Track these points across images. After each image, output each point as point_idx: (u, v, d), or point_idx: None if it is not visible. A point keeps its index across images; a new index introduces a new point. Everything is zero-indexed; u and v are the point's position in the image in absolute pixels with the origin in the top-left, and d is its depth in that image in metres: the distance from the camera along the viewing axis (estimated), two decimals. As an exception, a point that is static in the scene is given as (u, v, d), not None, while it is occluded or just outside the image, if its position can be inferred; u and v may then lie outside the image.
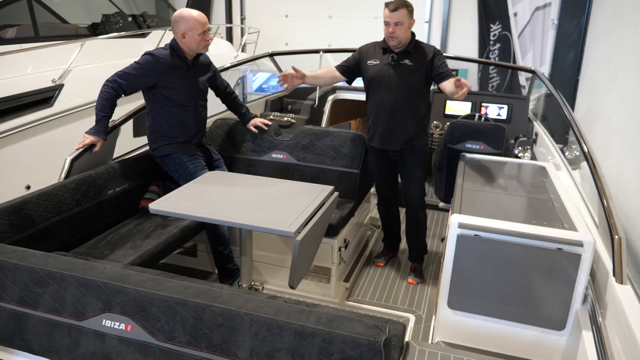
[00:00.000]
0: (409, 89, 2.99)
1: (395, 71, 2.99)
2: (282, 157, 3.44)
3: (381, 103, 3.06)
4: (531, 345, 2.17)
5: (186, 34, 2.80)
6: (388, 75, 3.00)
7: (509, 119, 4.85)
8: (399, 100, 3.00)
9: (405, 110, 3.03)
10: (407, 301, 3.09)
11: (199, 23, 2.79)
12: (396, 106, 3.02)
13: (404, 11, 2.87)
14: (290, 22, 9.57)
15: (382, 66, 3.02)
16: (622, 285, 1.83)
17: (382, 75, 3.02)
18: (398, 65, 2.99)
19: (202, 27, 2.80)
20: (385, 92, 3.03)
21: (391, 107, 3.03)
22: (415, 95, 3.02)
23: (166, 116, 2.91)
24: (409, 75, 2.97)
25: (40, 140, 4.41)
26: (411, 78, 2.98)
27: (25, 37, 5.01)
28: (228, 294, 1.48)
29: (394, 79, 2.99)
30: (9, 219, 2.21)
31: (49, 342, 1.60)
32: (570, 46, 7.46)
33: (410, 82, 2.98)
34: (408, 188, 3.21)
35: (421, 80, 3.00)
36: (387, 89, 3.02)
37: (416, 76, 2.98)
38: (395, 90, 2.99)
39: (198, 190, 2.49)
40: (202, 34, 2.82)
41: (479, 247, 2.13)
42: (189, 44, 2.83)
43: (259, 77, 10.61)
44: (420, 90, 3.04)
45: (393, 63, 2.99)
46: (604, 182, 2.21)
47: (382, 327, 1.33)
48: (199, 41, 2.83)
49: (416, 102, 3.04)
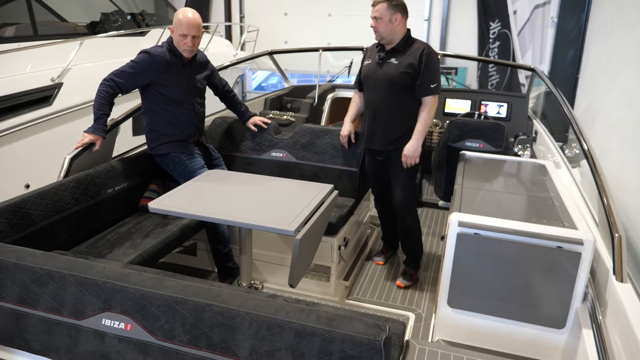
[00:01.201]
0: (392, 89, 2.90)
1: (381, 70, 2.94)
2: (282, 155, 3.43)
3: (368, 102, 3.04)
4: (531, 343, 2.18)
5: (173, 30, 2.82)
6: (375, 74, 2.96)
7: (509, 117, 4.85)
8: (382, 99, 2.95)
9: (389, 110, 2.95)
10: (407, 300, 3.09)
11: (180, 24, 2.77)
12: (379, 105, 2.96)
13: (383, 5, 2.81)
14: (290, 20, 9.56)
15: (372, 65, 2.99)
16: (622, 283, 1.84)
17: (370, 74, 2.99)
18: (384, 63, 2.93)
19: (181, 29, 2.77)
20: (372, 91, 3.00)
21: (375, 107, 2.98)
22: (399, 95, 2.91)
23: (163, 114, 2.91)
24: (392, 74, 2.89)
25: (39, 139, 4.41)
26: (395, 77, 2.88)
27: (24, 36, 5.00)
28: (228, 293, 1.48)
29: (379, 78, 2.94)
30: (8, 218, 2.21)
31: (49, 342, 1.60)
32: (570, 44, 7.46)
33: (393, 81, 2.89)
34: (395, 191, 3.09)
35: (406, 81, 2.87)
36: (373, 88, 2.98)
37: (400, 76, 2.87)
38: (379, 89, 2.94)
39: (197, 188, 2.49)
40: (182, 37, 2.79)
41: (479, 245, 2.13)
42: (175, 43, 2.84)
43: (258, 75, 10.62)
44: (404, 90, 2.90)
45: (380, 62, 2.94)
46: (603, 180, 2.21)
47: (382, 326, 1.32)
48: (178, 42, 2.82)
49: (401, 103, 2.92)
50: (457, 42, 8.62)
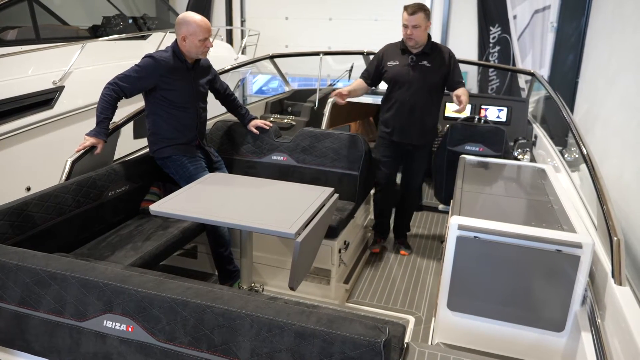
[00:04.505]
0: (427, 89, 3.27)
1: (415, 72, 3.26)
2: (282, 159, 3.44)
3: (401, 101, 3.32)
4: (530, 346, 2.18)
5: (187, 37, 2.80)
6: (408, 75, 3.27)
7: (509, 121, 4.86)
8: (418, 98, 3.28)
9: (424, 108, 3.31)
10: (407, 303, 3.10)
11: (200, 29, 2.79)
12: (416, 104, 3.29)
13: (421, 14, 3.12)
14: (291, 24, 9.58)
15: (402, 66, 3.28)
16: (621, 286, 1.84)
17: (403, 75, 3.28)
18: (417, 66, 3.26)
19: (203, 34, 2.80)
20: (405, 91, 3.29)
21: (411, 105, 3.29)
22: (432, 95, 3.31)
23: (166, 118, 2.92)
24: (428, 76, 3.25)
25: (41, 142, 4.41)
26: (430, 79, 3.25)
27: (26, 39, 5.01)
28: (229, 294, 1.49)
29: (414, 79, 3.26)
30: (10, 220, 2.22)
31: (50, 343, 1.61)
32: (570, 49, 7.48)
33: (429, 82, 3.25)
34: (412, 178, 3.58)
35: (439, 81, 3.29)
36: (407, 88, 3.28)
37: (435, 77, 3.26)
38: (416, 89, 3.26)
39: (198, 191, 2.50)
40: (203, 41, 2.82)
41: (479, 248, 2.14)
42: (188, 48, 2.84)
43: (259, 79, 10.64)
44: (437, 90, 3.33)
45: (412, 64, 3.26)
46: (603, 184, 2.22)
47: (382, 328, 1.33)
48: (198, 47, 2.83)
49: (433, 101, 3.34)
50: (457, 46, 8.59)
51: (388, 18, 8.48)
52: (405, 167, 3.61)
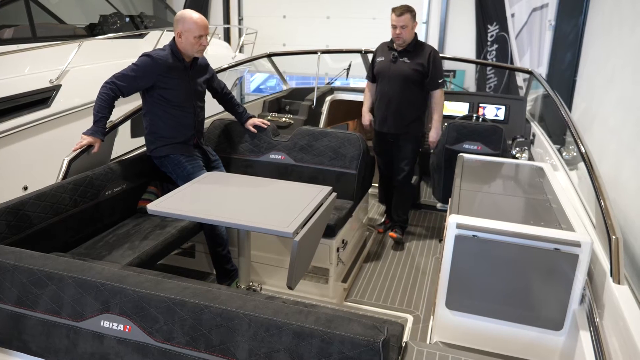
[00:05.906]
0: (404, 83, 3.54)
1: (394, 67, 3.57)
2: (280, 157, 3.44)
3: (382, 93, 3.67)
4: (529, 345, 2.18)
5: (182, 34, 2.79)
6: (388, 70, 3.59)
7: (507, 119, 4.86)
8: (395, 91, 3.58)
9: (401, 101, 3.58)
10: (405, 302, 3.10)
11: (196, 26, 2.78)
12: (393, 96, 3.59)
13: (408, 15, 3.42)
14: (288, 22, 9.57)
15: (386, 62, 3.61)
16: (619, 285, 1.84)
17: (384, 69, 3.62)
18: (397, 62, 3.56)
19: (199, 31, 2.79)
20: (385, 84, 3.63)
21: (389, 97, 3.61)
22: (409, 88, 3.55)
23: (164, 117, 2.91)
24: (405, 71, 3.53)
25: (38, 141, 4.40)
26: (407, 74, 3.52)
27: (22, 38, 4.99)
28: (226, 294, 1.48)
29: (393, 73, 3.57)
30: (7, 220, 2.21)
31: (47, 343, 1.60)
32: (568, 47, 7.48)
33: (405, 77, 3.53)
34: (399, 165, 3.74)
35: (416, 77, 3.52)
36: (387, 81, 3.61)
37: (411, 72, 3.51)
38: (393, 83, 3.57)
39: (196, 190, 2.49)
40: (198, 38, 2.81)
41: (477, 247, 2.13)
42: (184, 45, 2.83)
43: (256, 77, 10.63)
44: (415, 84, 3.55)
45: (394, 60, 3.57)
46: (601, 183, 2.21)
47: (381, 328, 1.33)
48: (193, 44, 2.82)
49: (411, 95, 3.57)
50: (455, 44, 8.65)
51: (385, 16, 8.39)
52: (392, 155, 3.83)
